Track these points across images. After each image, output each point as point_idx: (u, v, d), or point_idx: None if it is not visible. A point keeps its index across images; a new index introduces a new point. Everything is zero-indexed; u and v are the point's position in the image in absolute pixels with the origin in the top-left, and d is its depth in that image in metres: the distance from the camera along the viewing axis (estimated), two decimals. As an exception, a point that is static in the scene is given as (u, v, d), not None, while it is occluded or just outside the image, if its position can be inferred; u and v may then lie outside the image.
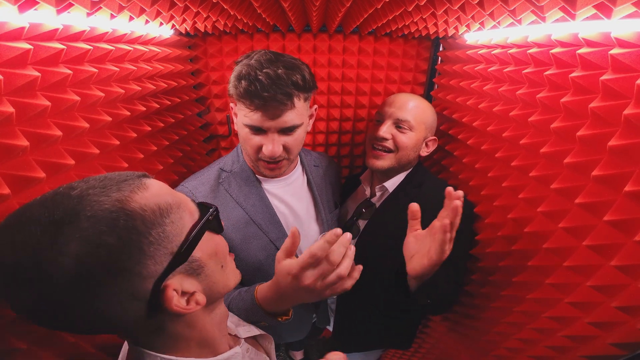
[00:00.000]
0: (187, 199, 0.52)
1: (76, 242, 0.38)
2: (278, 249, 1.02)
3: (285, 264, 0.68)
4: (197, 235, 0.49)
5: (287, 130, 0.89)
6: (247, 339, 0.71)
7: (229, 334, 0.67)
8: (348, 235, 0.67)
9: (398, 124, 1.12)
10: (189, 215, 0.50)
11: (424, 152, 1.19)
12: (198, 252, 0.49)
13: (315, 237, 1.15)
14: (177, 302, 0.46)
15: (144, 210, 0.44)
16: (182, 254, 0.47)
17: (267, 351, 0.76)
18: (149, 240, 0.43)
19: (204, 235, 0.51)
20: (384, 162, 1.14)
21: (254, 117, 0.84)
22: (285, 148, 0.91)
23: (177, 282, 0.47)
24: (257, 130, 0.88)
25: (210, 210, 0.53)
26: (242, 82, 0.81)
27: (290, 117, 0.86)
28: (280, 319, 0.78)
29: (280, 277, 0.70)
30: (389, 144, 1.13)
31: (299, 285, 0.66)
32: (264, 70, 0.80)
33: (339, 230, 0.64)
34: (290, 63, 0.85)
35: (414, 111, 1.12)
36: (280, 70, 0.81)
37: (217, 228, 0.56)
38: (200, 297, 0.49)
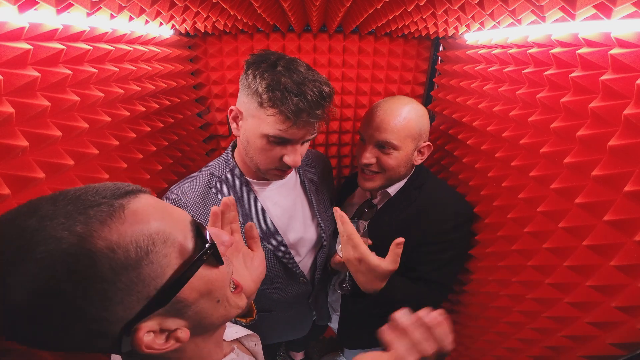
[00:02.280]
0: (180, 226, 0.43)
1: (23, 287, 0.33)
2: (274, 254, 1.03)
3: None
4: (184, 278, 0.41)
5: (307, 140, 0.90)
6: (231, 342, 0.69)
7: None
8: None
9: (380, 146, 1.05)
10: (177, 252, 0.41)
11: (418, 161, 1.12)
12: (185, 292, 0.41)
13: (312, 238, 1.13)
14: (150, 343, 0.40)
15: (114, 252, 0.36)
16: (162, 299, 0.39)
17: (253, 351, 0.74)
18: (116, 287, 0.36)
19: (197, 272, 0.42)
20: (374, 183, 1.12)
21: (289, 131, 0.82)
22: (301, 156, 0.92)
23: (154, 324, 0.40)
24: (282, 141, 0.86)
25: (206, 247, 0.44)
26: (287, 94, 0.77)
27: (315, 129, 0.88)
28: (244, 320, 0.76)
29: None
30: (374, 167, 1.08)
31: None
32: (304, 88, 0.79)
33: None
34: (323, 78, 0.85)
35: (395, 129, 1.01)
36: (326, 90, 0.82)
37: (215, 261, 0.46)
38: (183, 334, 0.42)
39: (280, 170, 0.93)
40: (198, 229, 0.45)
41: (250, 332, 0.75)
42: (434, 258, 1.08)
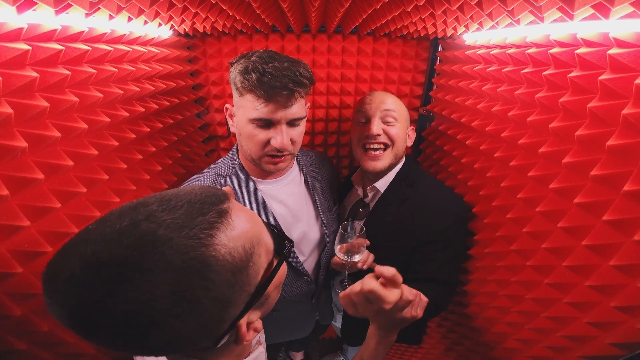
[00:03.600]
0: (262, 226, 0.48)
1: (163, 295, 0.35)
2: None
3: None
4: (274, 273, 0.47)
5: (294, 122, 0.91)
6: None
7: None
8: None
9: (385, 118, 1.13)
10: (265, 251, 0.46)
11: (409, 142, 1.21)
12: (270, 286, 0.47)
13: (316, 237, 1.14)
14: (245, 335, 0.45)
15: (232, 256, 0.39)
16: (259, 294, 0.44)
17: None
18: (234, 289, 0.40)
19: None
20: (384, 161, 1.14)
21: (265, 109, 0.86)
22: (292, 141, 0.93)
23: (246, 318, 0.45)
24: (265, 124, 0.89)
25: (287, 246, 0.50)
26: (252, 74, 0.83)
27: (297, 108, 0.89)
28: None
29: None
30: (383, 138, 1.12)
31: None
32: (270, 64, 0.83)
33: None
34: (291, 58, 0.89)
35: (395, 103, 1.15)
36: (286, 64, 0.85)
37: (287, 257, 0.53)
38: (259, 324, 0.48)
39: (271, 157, 0.94)
40: (271, 228, 0.51)
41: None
42: (435, 257, 1.08)
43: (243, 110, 0.89)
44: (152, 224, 0.36)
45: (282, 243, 0.50)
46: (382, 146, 1.13)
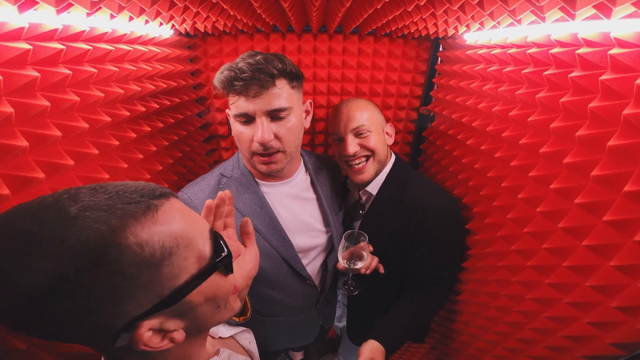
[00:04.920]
0: (202, 233, 0.45)
1: (49, 272, 0.34)
2: (282, 257, 1.02)
3: None
4: (198, 281, 0.43)
5: (275, 115, 0.88)
6: (226, 339, 0.68)
7: (209, 336, 0.64)
8: None
9: (357, 133, 1.12)
10: (195, 257, 0.43)
11: (390, 141, 1.21)
12: (194, 295, 0.43)
13: (322, 242, 1.11)
14: (147, 341, 0.40)
15: (141, 248, 0.37)
16: (172, 299, 0.40)
17: (248, 349, 0.73)
18: (135, 283, 0.37)
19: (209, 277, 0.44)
20: (368, 172, 1.15)
21: (239, 103, 0.86)
22: (277, 137, 0.89)
23: (156, 322, 0.41)
24: (246, 119, 0.88)
25: (223, 255, 0.46)
26: (224, 72, 0.85)
27: (274, 99, 0.86)
28: (237, 319, 0.75)
29: None
30: (362, 152, 1.13)
31: None
32: (245, 61, 0.85)
33: None
34: (270, 53, 0.88)
35: (363, 116, 1.13)
36: (259, 57, 0.85)
37: (226, 270, 0.48)
38: (179, 335, 0.43)
39: (260, 156, 0.92)
40: (216, 238, 0.47)
41: (242, 328, 0.74)
42: (429, 259, 1.10)
43: (230, 110, 0.91)
44: (71, 202, 0.37)
45: (219, 254, 0.46)
46: (363, 159, 1.14)
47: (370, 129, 1.13)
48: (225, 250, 0.47)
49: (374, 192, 1.18)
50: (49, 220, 0.35)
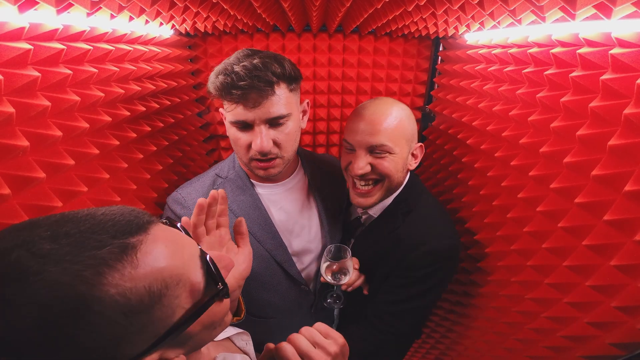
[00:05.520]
0: (191, 263, 0.42)
1: (25, 330, 0.31)
2: (275, 260, 1.00)
3: None
4: (195, 317, 0.40)
5: (274, 122, 0.84)
6: (221, 341, 0.67)
7: None
8: None
9: (373, 151, 0.91)
10: (188, 292, 0.40)
11: (413, 165, 0.99)
12: (191, 327, 0.41)
13: (317, 247, 1.09)
14: None
15: (126, 298, 0.34)
16: (170, 336, 0.39)
17: (244, 350, 0.72)
18: (127, 330, 0.35)
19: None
20: (372, 199, 0.97)
21: (237, 111, 0.82)
22: (276, 143, 0.86)
23: (156, 356, 0.39)
24: (243, 126, 0.84)
25: (219, 290, 0.43)
26: (219, 77, 0.80)
27: (274, 106, 0.82)
28: (232, 319, 0.73)
29: None
30: (371, 174, 0.93)
31: None
32: (241, 64, 0.79)
33: None
34: (268, 54, 0.83)
35: (389, 130, 0.89)
36: (256, 61, 0.79)
37: (224, 296, 0.46)
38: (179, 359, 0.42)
39: (258, 161, 0.89)
40: (207, 265, 0.44)
41: (240, 330, 0.74)
42: (393, 290, 0.98)
43: (225, 114, 0.87)
44: (27, 252, 0.32)
45: (215, 284, 0.43)
46: (370, 182, 0.96)
47: (394, 150, 0.90)
48: (221, 283, 0.44)
49: (375, 215, 1.05)
50: (8, 277, 0.31)
